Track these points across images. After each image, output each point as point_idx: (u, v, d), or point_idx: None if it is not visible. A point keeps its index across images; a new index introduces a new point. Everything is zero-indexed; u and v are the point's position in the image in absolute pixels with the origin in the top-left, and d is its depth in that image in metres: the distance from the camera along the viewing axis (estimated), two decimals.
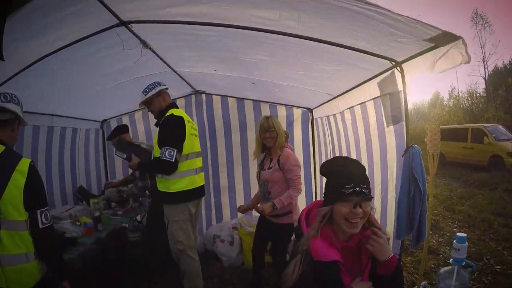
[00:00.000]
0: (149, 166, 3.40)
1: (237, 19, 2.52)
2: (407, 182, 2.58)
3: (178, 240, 3.29)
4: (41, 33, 2.52)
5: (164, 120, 3.26)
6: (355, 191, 1.59)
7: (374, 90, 3.05)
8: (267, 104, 5.15)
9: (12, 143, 2.10)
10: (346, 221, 1.61)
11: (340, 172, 1.69)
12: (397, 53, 2.50)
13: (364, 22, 2.10)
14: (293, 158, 3.32)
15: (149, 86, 3.40)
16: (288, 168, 3.24)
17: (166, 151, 3.09)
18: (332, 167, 1.77)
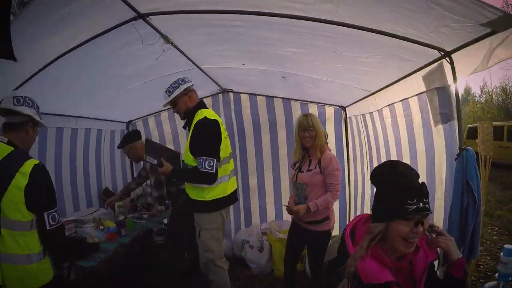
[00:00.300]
0: (187, 175, 3.10)
1: (266, 4, 2.26)
2: (460, 190, 2.24)
3: (209, 249, 3.09)
4: (55, 31, 2.39)
5: (198, 125, 2.96)
6: (419, 207, 1.40)
7: (419, 84, 2.70)
8: (298, 102, 4.89)
9: (25, 145, 2.16)
10: (403, 240, 1.43)
11: (399, 182, 1.47)
12: (446, 41, 2.16)
13: (413, 3, 1.81)
14: (335, 161, 3.11)
15: (173, 85, 3.09)
16: (329, 172, 3.03)
17: (206, 162, 2.86)
18: (387, 175, 1.54)
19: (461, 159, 2.22)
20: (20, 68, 2.62)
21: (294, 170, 3.25)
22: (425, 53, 2.36)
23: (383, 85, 3.27)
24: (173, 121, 5.47)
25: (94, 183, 4.91)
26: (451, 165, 2.37)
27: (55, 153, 4.13)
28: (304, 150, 3.21)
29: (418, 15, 1.92)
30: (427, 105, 2.65)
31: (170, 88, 3.10)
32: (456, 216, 2.26)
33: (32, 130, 2.17)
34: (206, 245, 3.09)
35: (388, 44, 2.38)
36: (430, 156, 2.74)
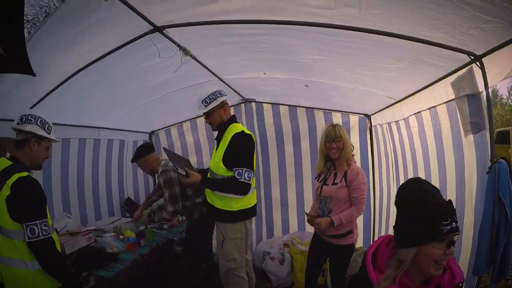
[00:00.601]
0: (222, 185, 3.05)
1: (285, 12, 2.19)
2: (491, 206, 2.06)
3: (232, 258, 3.10)
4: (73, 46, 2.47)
5: (237, 137, 3.00)
6: (453, 227, 1.32)
7: (447, 91, 2.54)
8: (321, 111, 4.75)
9: (32, 160, 2.26)
10: (435, 263, 1.35)
11: (430, 202, 1.36)
12: (477, 45, 2.01)
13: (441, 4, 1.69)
14: (362, 175, 3.00)
15: (210, 96, 3.08)
16: (356, 185, 2.93)
17: (245, 173, 2.93)
18: (415, 195, 1.42)
19: (493, 172, 2.05)
20: (41, 82, 2.71)
21: (319, 183, 3.14)
22: (454, 57, 2.21)
23: (409, 92, 3.12)
24: (195, 131, 5.47)
25: (116, 192, 4.97)
26: (482, 179, 2.21)
27: (77, 164, 4.21)
28: (329, 161, 3.10)
29: (445, 16, 1.79)
30: (457, 113, 2.48)
31: (207, 99, 3.08)
32: (487, 234, 2.09)
33: (38, 144, 2.25)
34: (229, 255, 3.09)
35: (414, 49, 2.26)
36: (459, 169, 2.56)
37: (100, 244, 3.32)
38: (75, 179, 4.17)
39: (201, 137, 5.43)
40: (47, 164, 3.68)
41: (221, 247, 3.10)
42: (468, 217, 2.43)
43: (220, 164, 3.01)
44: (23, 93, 2.83)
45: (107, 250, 3.26)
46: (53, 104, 3.13)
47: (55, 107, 3.23)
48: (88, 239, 3.24)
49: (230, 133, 3.05)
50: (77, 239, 3.11)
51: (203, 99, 3.08)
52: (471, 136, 2.33)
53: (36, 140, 2.23)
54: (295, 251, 4.26)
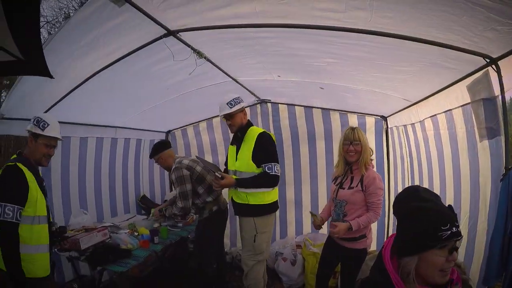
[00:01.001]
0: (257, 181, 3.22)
1: (296, 15, 2.20)
2: (504, 215, 2.00)
3: (261, 251, 3.32)
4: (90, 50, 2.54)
5: (262, 137, 3.29)
6: (453, 232, 1.25)
7: (463, 95, 2.48)
8: (337, 112, 4.72)
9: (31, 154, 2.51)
10: (440, 271, 1.29)
11: (428, 208, 1.31)
12: (492, 47, 1.96)
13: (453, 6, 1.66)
14: (379, 180, 2.96)
15: (235, 99, 3.31)
16: (372, 191, 2.89)
17: (275, 167, 3.21)
18: (413, 202, 1.37)
19: (507, 179, 1.99)
20: (60, 84, 2.81)
21: (335, 186, 3.12)
22: (469, 60, 2.16)
23: (425, 95, 3.06)
24: (211, 131, 5.52)
25: (132, 190, 5.06)
26: (496, 186, 2.14)
27: (95, 162, 4.32)
28: (347, 165, 3.07)
29: (459, 18, 1.75)
30: (472, 117, 2.42)
31: (232, 102, 3.30)
32: (498, 243, 2.03)
33: (34, 141, 2.49)
34: (259, 248, 3.29)
35: (428, 51, 2.22)
36: (474, 174, 2.50)
37: (115, 240, 3.40)
38: (92, 176, 4.28)
39: (217, 136, 5.47)
40: (65, 162, 3.82)
41: (253, 241, 3.25)
42: (482, 225, 2.36)
43: (250, 162, 3.22)
44: (44, 94, 2.93)
45: (121, 246, 3.34)
46: (72, 105, 3.24)
47: (74, 107, 3.35)
48: (103, 235, 3.32)
49: (252, 134, 3.32)
50: (92, 235, 3.19)
51: (228, 101, 3.29)
52: (486, 141, 2.27)
53: (32, 137, 2.48)
54: (307, 252, 4.24)
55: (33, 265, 2.30)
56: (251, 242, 3.27)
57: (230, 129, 3.42)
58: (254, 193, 3.23)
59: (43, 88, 2.78)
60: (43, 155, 2.50)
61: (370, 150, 3.06)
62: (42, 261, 2.37)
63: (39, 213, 2.35)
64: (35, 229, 2.33)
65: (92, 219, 4.01)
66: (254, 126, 3.45)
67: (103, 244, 3.24)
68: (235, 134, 3.43)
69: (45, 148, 2.50)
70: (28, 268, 2.28)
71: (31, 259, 2.30)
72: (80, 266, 3.59)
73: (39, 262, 2.35)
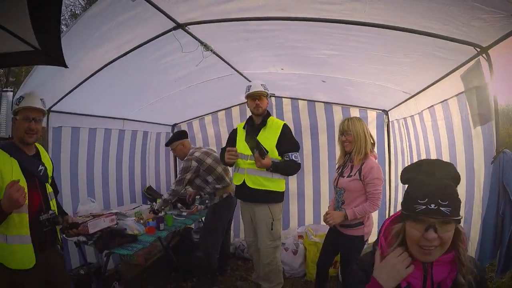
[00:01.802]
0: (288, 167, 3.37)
1: (296, 8, 2.32)
2: (496, 196, 2.08)
3: (278, 237, 3.48)
4: (102, 42, 2.66)
5: (286, 128, 3.46)
6: (429, 208, 1.21)
7: (458, 84, 2.56)
8: (340, 106, 4.81)
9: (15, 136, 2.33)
10: (417, 246, 1.27)
11: (418, 180, 1.32)
12: (482, 37, 2.05)
13: None
14: (377, 169, 2.96)
15: (265, 85, 3.47)
16: (369, 180, 2.91)
17: (299, 156, 3.42)
18: (413, 172, 1.39)
19: (498, 162, 2.07)
20: (72, 75, 2.93)
21: (337, 174, 3.19)
22: (461, 50, 2.25)
23: (423, 86, 3.14)
24: (216, 124, 5.63)
25: (138, 181, 5.19)
26: (489, 170, 2.21)
27: (102, 152, 4.44)
28: (346, 154, 3.14)
29: (447, 8, 1.84)
30: (466, 105, 2.50)
31: (263, 84, 3.45)
32: (491, 224, 2.09)
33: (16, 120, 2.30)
34: (277, 234, 3.45)
35: (422, 42, 2.31)
36: (469, 160, 2.58)
37: (122, 226, 3.50)
38: (100, 166, 4.39)
39: (222, 129, 5.58)
40: (74, 152, 3.93)
41: (271, 228, 3.38)
42: (477, 208, 2.44)
43: (274, 149, 3.33)
44: (57, 85, 3.04)
45: (128, 231, 3.44)
46: (82, 96, 3.36)
47: (84, 98, 3.47)
48: (111, 221, 3.41)
49: (276, 123, 3.47)
50: (100, 220, 3.29)
51: (261, 83, 3.44)
52: (479, 127, 2.35)
53: (14, 117, 2.31)
54: (308, 242, 4.31)
55: (11, 257, 2.12)
56: (268, 229, 3.38)
57: (256, 110, 3.41)
58: (273, 179, 3.33)
59: (56, 78, 2.88)
60: (24, 131, 2.24)
61: (370, 139, 3.06)
62: (21, 253, 2.15)
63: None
64: (11, 218, 2.09)
65: (100, 207, 4.13)
66: (273, 117, 3.57)
67: (110, 229, 3.34)
68: (252, 119, 3.51)
69: (25, 122, 2.25)
70: (7, 259, 2.11)
71: (10, 250, 2.11)
72: (87, 254, 3.68)
73: (18, 254, 2.14)
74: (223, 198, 4.08)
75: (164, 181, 5.82)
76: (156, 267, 4.51)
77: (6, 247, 2.11)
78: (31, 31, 1.64)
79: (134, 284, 4.11)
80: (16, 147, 2.27)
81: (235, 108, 5.40)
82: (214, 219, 4.05)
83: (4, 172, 2.11)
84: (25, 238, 2.16)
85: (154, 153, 5.57)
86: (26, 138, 2.26)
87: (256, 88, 3.36)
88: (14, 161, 2.19)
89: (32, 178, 2.28)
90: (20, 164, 2.21)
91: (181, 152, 4.26)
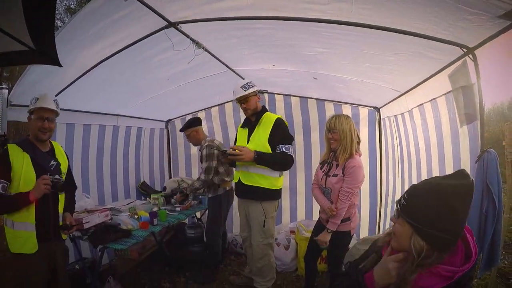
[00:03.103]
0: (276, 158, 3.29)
1: (284, 8, 2.37)
2: (480, 194, 2.15)
3: (271, 234, 3.51)
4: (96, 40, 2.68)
5: (280, 122, 3.39)
6: (399, 198, 1.34)
7: (446, 83, 2.62)
8: (332, 103, 4.86)
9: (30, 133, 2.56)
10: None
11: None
12: (468, 37, 2.10)
13: None
14: (358, 169, 2.92)
15: (248, 83, 3.40)
16: (347, 177, 2.90)
17: (291, 149, 3.34)
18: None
19: (482, 161, 2.14)
20: (66, 73, 2.94)
21: (322, 172, 3.15)
22: (448, 50, 2.30)
23: (412, 85, 3.20)
24: (210, 120, 5.68)
25: (132, 177, 5.22)
26: (474, 168, 2.28)
27: (97, 148, 4.45)
28: (332, 151, 3.13)
29: (432, 9, 1.89)
30: (454, 105, 2.56)
31: (246, 85, 3.39)
32: (474, 222, 2.15)
33: (30, 118, 2.55)
34: (269, 232, 3.49)
35: (411, 41, 2.36)
36: (456, 158, 2.65)
37: (116, 221, 3.53)
38: (94, 162, 4.42)
39: (215, 126, 5.64)
40: (69, 148, 3.92)
41: (263, 226, 3.42)
42: None
43: (266, 144, 3.32)
44: (52, 82, 3.04)
45: (122, 226, 3.47)
46: (76, 93, 3.37)
47: (78, 95, 3.48)
48: (105, 216, 3.44)
49: (269, 118, 3.43)
50: (95, 215, 3.32)
51: (242, 85, 3.38)
52: (465, 126, 2.42)
53: (29, 115, 2.55)
54: (300, 237, 4.36)
55: (15, 241, 2.38)
56: (260, 227, 3.43)
57: (245, 112, 3.49)
58: (266, 176, 3.34)
59: (51, 76, 2.89)
60: (38, 129, 2.49)
61: (356, 138, 3.03)
62: (25, 238, 2.39)
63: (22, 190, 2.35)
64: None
65: (94, 203, 4.15)
66: (269, 112, 3.55)
67: (104, 224, 3.37)
68: (248, 117, 3.54)
69: (39, 121, 2.49)
70: (12, 243, 2.38)
71: (15, 235, 2.37)
72: (82, 249, 3.72)
73: (22, 239, 2.38)
74: (226, 190, 4.22)
75: (158, 177, 5.86)
76: (149, 262, 4.55)
77: (12, 232, 2.38)
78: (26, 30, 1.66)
79: (128, 278, 4.14)
80: (31, 144, 2.51)
81: (228, 104, 5.44)
82: (220, 210, 4.20)
83: (16, 164, 2.36)
84: (31, 226, 2.40)
85: (148, 149, 5.61)
86: (40, 135, 2.51)
87: (238, 94, 3.38)
88: (26, 155, 2.43)
89: (43, 172, 2.45)
90: (32, 159, 2.44)
91: (195, 138, 4.40)
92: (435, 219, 1.22)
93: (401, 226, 1.30)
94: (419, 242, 1.24)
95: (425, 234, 1.23)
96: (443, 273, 1.25)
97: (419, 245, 1.24)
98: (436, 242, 1.23)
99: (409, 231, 1.27)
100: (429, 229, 1.22)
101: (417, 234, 1.25)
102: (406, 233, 1.28)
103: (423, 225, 1.23)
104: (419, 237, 1.24)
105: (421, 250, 1.23)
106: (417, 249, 1.24)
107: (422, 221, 1.24)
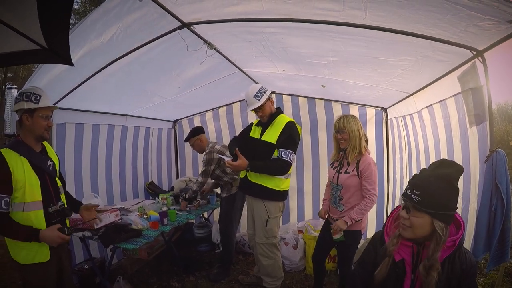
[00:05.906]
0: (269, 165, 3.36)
1: (299, 14, 2.39)
2: (489, 193, 2.17)
3: (274, 235, 3.55)
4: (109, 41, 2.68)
5: (290, 126, 3.39)
6: (406, 193, 1.60)
7: (455, 85, 2.64)
8: (339, 103, 4.89)
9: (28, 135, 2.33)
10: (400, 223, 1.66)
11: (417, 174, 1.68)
12: (478, 41, 2.12)
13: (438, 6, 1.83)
14: (373, 166, 3.04)
15: (260, 91, 3.40)
16: (367, 176, 2.99)
17: (291, 155, 3.33)
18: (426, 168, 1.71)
19: (491, 161, 2.16)
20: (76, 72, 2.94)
21: (333, 170, 3.22)
22: (457, 53, 2.32)
23: (421, 86, 3.22)
24: (217, 120, 5.71)
25: (141, 176, 5.28)
26: (483, 168, 2.30)
27: (106, 148, 4.50)
28: (342, 151, 3.19)
29: (444, 16, 1.92)
30: (463, 106, 2.58)
31: (258, 94, 3.39)
32: (484, 220, 2.19)
33: (31, 117, 2.28)
34: (272, 232, 3.53)
35: (420, 45, 2.38)
36: (466, 159, 2.66)
37: (126, 220, 3.58)
38: (103, 162, 4.46)
39: (222, 125, 5.69)
40: (78, 148, 3.99)
41: (265, 225, 3.48)
42: (472, 205, 2.54)
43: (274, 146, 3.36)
44: (63, 82, 3.09)
45: (132, 226, 3.52)
46: (86, 93, 3.41)
47: (88, 95, 3.53)
48: (115, 216, 3.47)
49: (282, 120, 3.43)
50: (105, 215, 3.34)
51: (254, 94, 3.38)
52: (475, 127, 2.44)
53: (27, 114, 2.27)
54: (308, 236, 4.41)
55: (27, 253, 2.23)
56: (263, 225, 3.48)
57: (261, 119, 3.51)
58: (272, 176, 3.39)
59: (61, 76, 2.92)
60: (45, 129, 2.33)
61: (364, 137, 3.11)
62: (37, 248, 2.24)
63: (29, 199, 2.21)
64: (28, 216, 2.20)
65: (103, 203, 4.19)
66: (283, 114, 3.55)
67: (115, 224, 3.41)
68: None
69: (44, 120, 2.32)
70: (24, 254, 2.23)
71: (28, 245, 2.20)
72: (91, 249, 3.76)
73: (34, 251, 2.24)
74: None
75: (166, 177, 5.91)
76: (158, 262, 4.59)
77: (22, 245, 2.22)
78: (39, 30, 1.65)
79: (138, 278, 4.19)
80: (24, 145, 2.29)
81: (236, 104, 5.48)
82: (234, 209, 4.31)
83: (16, 172, 2.16)
84: None
85: (156, 149, 5.66)
86: (46, 134, 2.36)
87: (253, 105, 3.38)
88: (24, 160, 2.23)
89: (43, 174, 2.33)
90: (30, 162, 2.25)
91: (199, 146, 4.53)
92: (448, 201, 1.54)
93: (419, 217, 1.56)
94: (440, 224, 1.52)
95: (443, 216, 1.53)
96: (447, 244, 1.56)
97: (440, 227, 1.52)
98: (450, 220, 1.55)
99: (429, 219, 1.54)
100: (445, 211, 1.52)
101: (437, 219, 1.53)
102: (426, 222, 1.55)
103: (440, 210, 1.51)
104: (439, 221, 1.52)
105: (443, 231, 1.52)
106: (442, 230, 1.52)
107: (440, 207, 1.52)
